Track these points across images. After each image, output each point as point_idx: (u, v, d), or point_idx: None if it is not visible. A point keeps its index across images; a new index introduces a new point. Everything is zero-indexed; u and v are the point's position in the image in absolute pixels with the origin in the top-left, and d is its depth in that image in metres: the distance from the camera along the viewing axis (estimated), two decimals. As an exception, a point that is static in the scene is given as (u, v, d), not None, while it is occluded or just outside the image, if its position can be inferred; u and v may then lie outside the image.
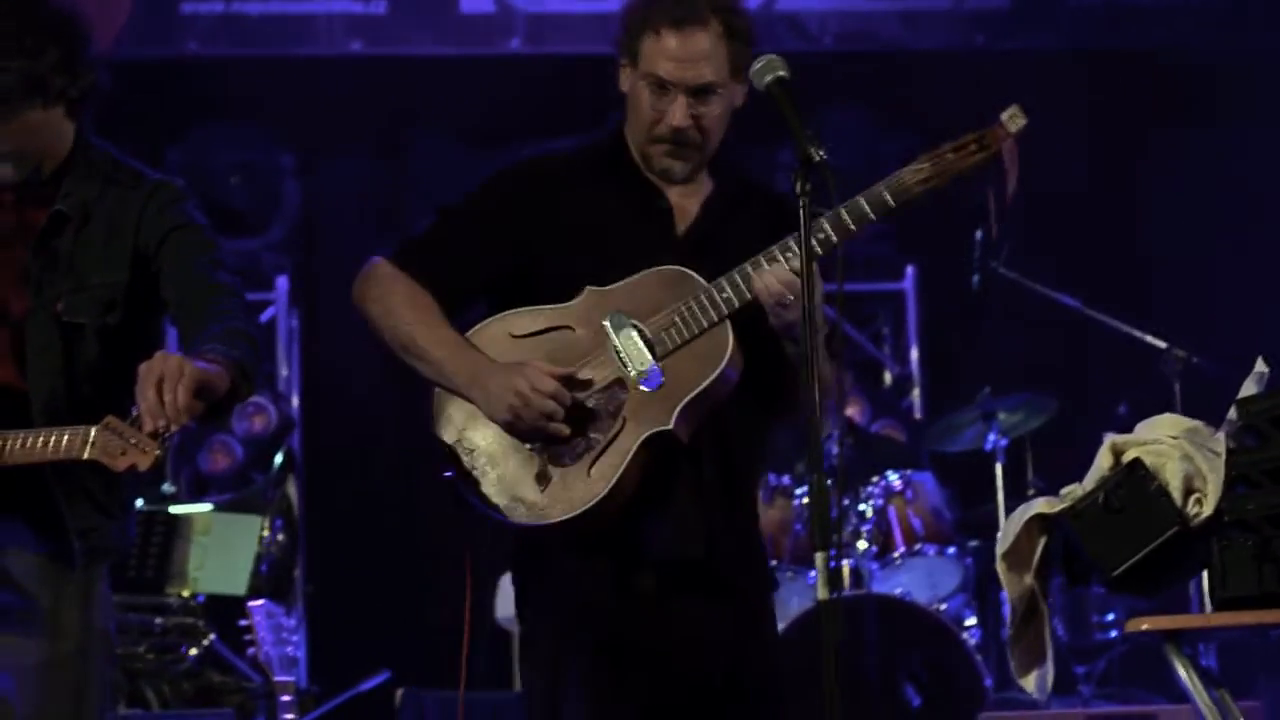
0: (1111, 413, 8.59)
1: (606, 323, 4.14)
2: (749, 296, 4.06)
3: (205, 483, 9.33)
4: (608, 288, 4.17)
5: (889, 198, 4.04)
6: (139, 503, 7.89)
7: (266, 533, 8.27)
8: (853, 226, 4.04)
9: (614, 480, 4.03)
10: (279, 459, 8.80)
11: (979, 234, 8.53)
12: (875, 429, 9.36)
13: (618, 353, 4.12)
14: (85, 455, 3.97)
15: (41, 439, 4.04)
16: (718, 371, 4.06)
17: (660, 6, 4.21)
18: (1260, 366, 4.12)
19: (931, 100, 9.16)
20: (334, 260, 9.82)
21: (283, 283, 9.76)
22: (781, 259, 4.02)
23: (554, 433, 4.06)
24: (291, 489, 8.80)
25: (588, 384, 4.12)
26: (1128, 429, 4.15)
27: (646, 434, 4.05)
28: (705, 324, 4.09)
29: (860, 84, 9.69)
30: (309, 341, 9.92)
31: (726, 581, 4.20)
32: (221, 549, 7.92)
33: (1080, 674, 8.35)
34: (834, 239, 4.03)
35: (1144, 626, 4.00)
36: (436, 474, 4.23)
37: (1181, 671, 3.98)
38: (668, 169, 4.27)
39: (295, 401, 9.73)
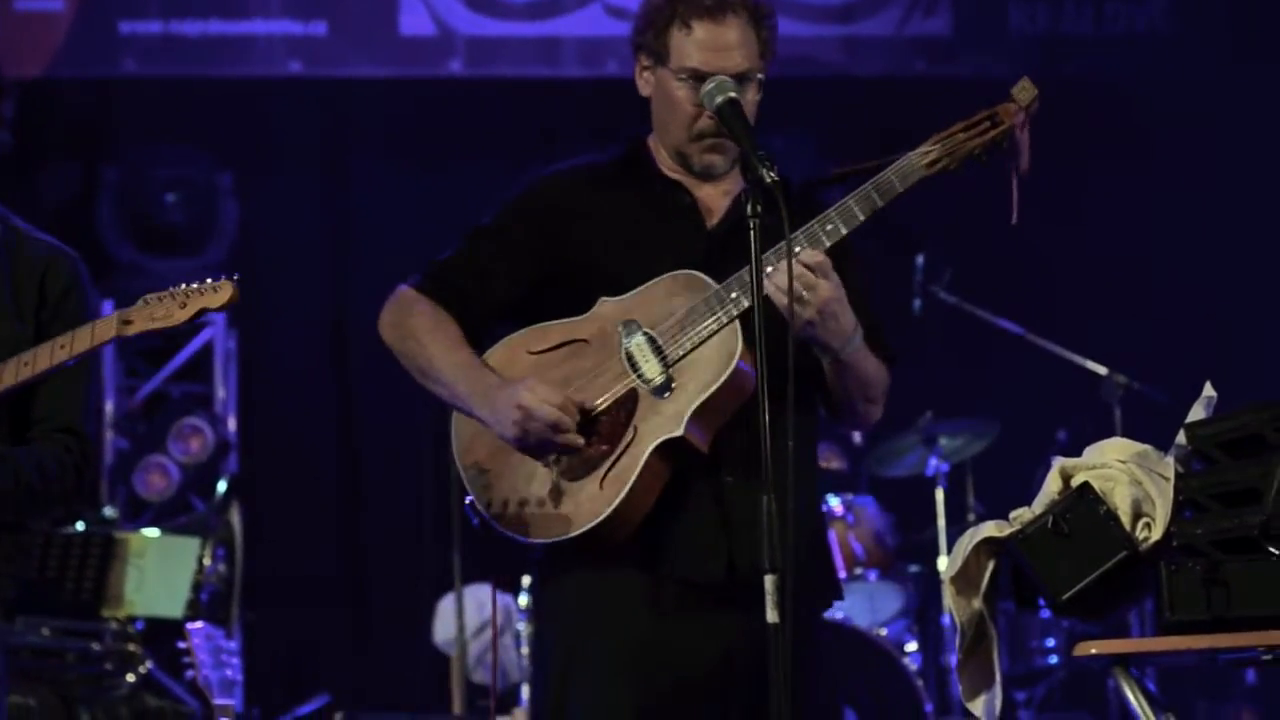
0: (1051, 438, 8.62)
1: (619, 331, 4.05)
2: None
3: (141, 505, 9.26)
4: (621, 297, 4.08)
5: (896, 183, 3.98)
6: (79, 525, 7.84)
7: (209, 561, 8.18)
8: (861, 216, 3.99)
9: (626, 490, 3.91)
10: (222, 486, 8.72)
11: (920, 258, 8.55)
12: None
13: (629, 361, 4.03)
14: None
15: None
16: (725, 376, 3.93)
17: (686, 1, 4.10)
18: (1208, 391, 4.12)
19: (873, 126, 9.17)
20: (272, 282, 9.79)
21: (220, 304, 9.68)
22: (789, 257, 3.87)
23: (565, 444, 3.95)
24: (235, 517, 8.71)
25: (601, 395, 4.02)
26: (1068, 455, 4.14)
27: (656, 441, 3.93)
28: (715, 328, 3.97)
29: (802, 110, 9.70)
30: (246, 363, 9.86)
31: (753, 600, 3.64)
32: (159, 571, 7.85)
33: (1020, 700, 8.36)
34: (842, 230, 3.98)
35: (1093, 650, 4.00)
36: (460, 500, 4.13)
37: (1130, 695, 3.97)
38: (710, 165, 4.17)
39: (232, 424, 9.66)
